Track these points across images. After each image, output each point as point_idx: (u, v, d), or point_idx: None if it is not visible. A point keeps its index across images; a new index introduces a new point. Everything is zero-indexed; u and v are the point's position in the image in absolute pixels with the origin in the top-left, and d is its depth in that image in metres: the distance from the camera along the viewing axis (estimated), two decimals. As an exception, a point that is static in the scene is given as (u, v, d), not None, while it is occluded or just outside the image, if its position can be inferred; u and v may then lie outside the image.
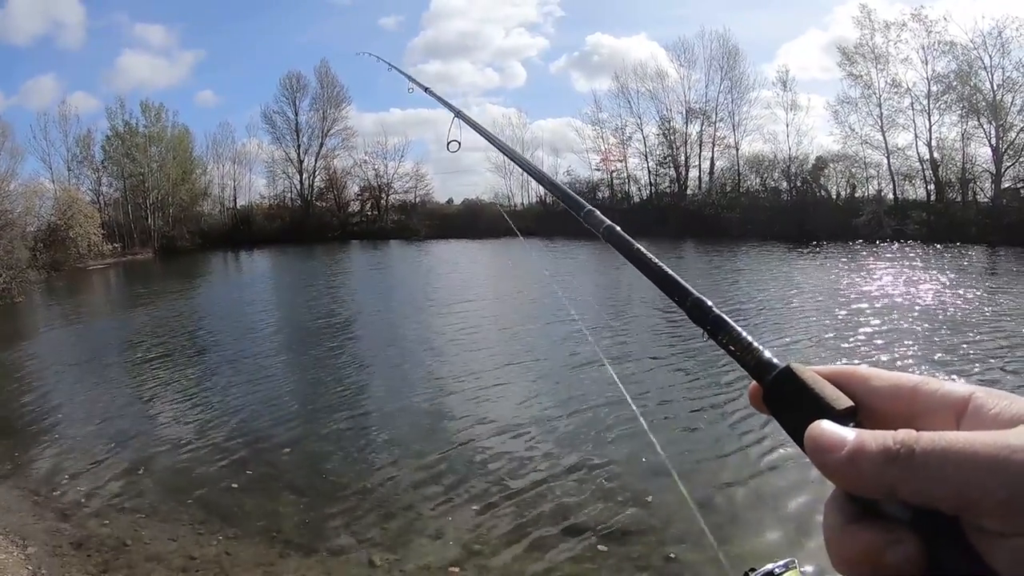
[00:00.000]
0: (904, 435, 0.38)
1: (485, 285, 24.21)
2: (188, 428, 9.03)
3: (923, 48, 42.35)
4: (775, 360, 0.48)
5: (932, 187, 42.65)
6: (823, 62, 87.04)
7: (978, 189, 41.24)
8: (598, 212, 0.77)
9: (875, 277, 21.42)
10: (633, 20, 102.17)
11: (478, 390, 10.09)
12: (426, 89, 1.85)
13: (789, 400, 0.45)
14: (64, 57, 75.42)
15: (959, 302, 16.01)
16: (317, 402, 10.04)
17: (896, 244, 33.82)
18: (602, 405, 8.84)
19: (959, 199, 41.19)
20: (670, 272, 0.60)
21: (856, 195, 45.45)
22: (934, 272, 22.64)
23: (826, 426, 0.41)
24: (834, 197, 46.47)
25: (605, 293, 20.35)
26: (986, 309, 15.11)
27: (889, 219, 38.82)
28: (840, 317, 14.48)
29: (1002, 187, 38.99)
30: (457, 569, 5.28)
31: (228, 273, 37.63)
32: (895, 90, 43.92)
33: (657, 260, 0.62)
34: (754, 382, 0.48)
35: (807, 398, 0.44)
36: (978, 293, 17.88)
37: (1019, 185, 38.96)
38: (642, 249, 0.65)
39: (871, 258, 27.77)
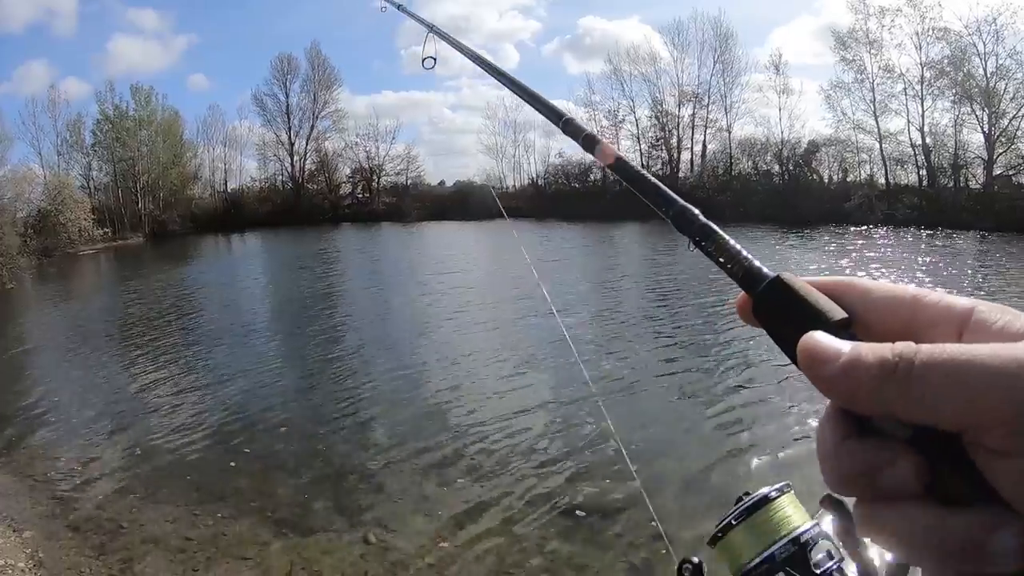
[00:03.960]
0: (903, 347, 0.36)
1: (474, 266, 24.18)
2: (182, 410, 9.05)
3: (917, 34, 42.35)
4: (765, 269, 0.46)
5: (924, 172, 42.80)
6: (814, 47, 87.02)
7: (970, 175, 41.41)
8: (576, 121, 0.75)
9: (865, 261, 21.50)
10: (625, 3, 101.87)
11: (469, 370, 10.17)
12: (398, 6, 1.84)
13: (780, 311, 0.43)
14: (56, 43, 74.73)
15: (949, 286, 16.12)
16: (310, 383, 10.09)
17: (887, 228, 33.99)
18: (588, 386, 8.92)
19: (951, 185, 41.32)
20: (654, 180, 0.56)
21: (848, 179, 45.57)
22: (924, 256, 22.81)
23: (820, 337, 0.39)
24: (826, 181, 46.58)
25: (592, 278, 20.38)
26: (978, 293, 15.23)
27: (880, 204, 38.94)
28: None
29: (994, 174, 39.16)
30: (447, 544, 5.35)
31: (219, 256, 37.44)
32: (888, 75, 43.98)
33: (641, 169, 0.58)
34: (743, 293, 0.46)
35: (800, 308, 0.42)
36: (968, 277, 18.05)
37: (1011, 172, 39.11)
38: (624, 158, 0.61)
39: (862, 242, 27.90)
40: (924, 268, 19.59)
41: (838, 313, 0.41)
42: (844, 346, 0.38)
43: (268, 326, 15.25)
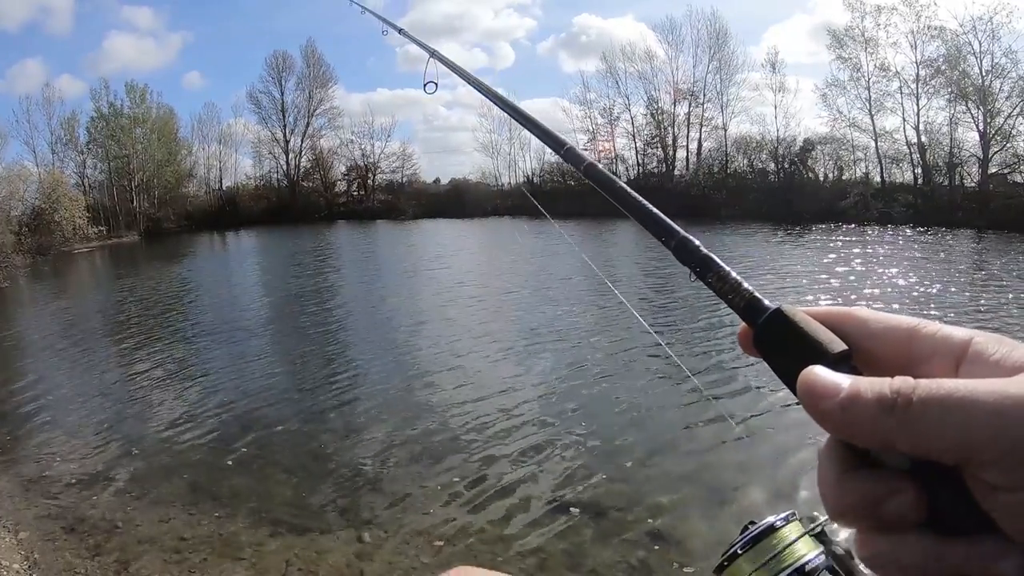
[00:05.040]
0: (901, 383, 0.36)
1: (472, 264, 24.18)
2: (178, 409, 9.03)
3: (912, 32, 42.45)
4: (766, 301, 0.46)
5: (919, 171, 42.89)
6: (809, 46, 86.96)
7: (965, 174, 41.51)
8: (578, 149, 0.75)
9: (860, 259, 21.55)
10: (620, 1, 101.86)
11: (466, 368, 10.14)
12: (400, 30, 1.82)
13: (780, 343, 0.43)
14: (51, 41, 74.58)
15: (944, 284, 16.16)
16: (308, 381, 10.05)
17: (882, 227, 34.06)
18: (587, 381, 8.95)
19: (946, 183, 41.42)
20: (654, 210, 0.57)
21: (843, 178, 45.67)
22: (920, 255, 22.86)
23: (819, 371, 0.39)
24: (821, 179, 46.68)
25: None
26: (972, 292, 15.28)
27: (876, 202, 39.02)
28: (823, 299, 14.59)
29: (989, 172, 39.25)
30: (440, 543, 5.34)
31: (215, 254, 37.34)
32: (883, 74, 44.07)
33: (640, 198, 0.59)
34: (744, 324, 0.46)
35: (799, 341, 0.42)
36: (963, 276, 18.09)
37: (1006, 170, 39.21)
38: (625, 187, 0.62)
39: (857, 240, 27.96)
40: (919, 267, 19.63)
41: (838, 345, 0.41)
42: (843, 381, 0.38)
43: (264, 324, 15.21)
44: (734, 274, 0.49)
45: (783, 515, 0.58)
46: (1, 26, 70.07)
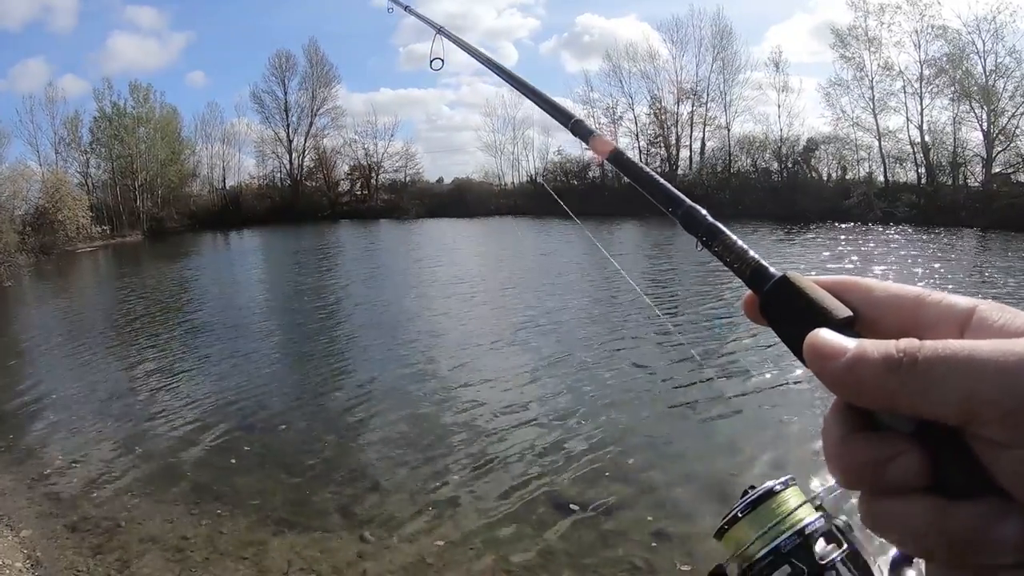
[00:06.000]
0: (907, 343, 0.37)
1: (473, 264, 24.17)
2: (180, 409, 9.03)
3: (916, 31, 42.33)
4: (772, 269, 0.47)
5: (923, 170, 42.79)
6: (811, 45, 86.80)
7: (969, 173, 41.39)
8: (585, 122, 0.75)
9: (863, 258, 21.51)
10: (623, 0, 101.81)
11: (469, 366, 10.16)
12: (406, 7, 1.82)
13: (786, 309, 0.44)
14: (54, 40, 74.71)
15: (947, 284, 16.12)
16: (310, 381, 10.06)
17: (886, 226, 33.97)
18: (588, 381, 8.94)
19: (950, 183, 41.32)
20: (662, 181, 0.57)
21: (847, 177, 45.57)
22: (923, 254, 22.79)
23: (825, 334, 0.40)
24: (824, 179, 46.60)
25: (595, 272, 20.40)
26: (975, 292, 15.23)
27: (879, 201, 38.92)
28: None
29: (992, 172, 39.14)
30: (442, 542, 5.34)
31: (218, 254, 37.36)
32: (887, 73, 43.96)
33: (648, 169, 0.59)
34: (749, 292, 0.47)
35: (805, 307, 0.43)
36: (967, 275, 18.04)
37: (1009, 170, 39.09)
38: (633, 159, 0.61)
39: (860, 239, 27.92)
40: (922, 266, 19.58)
41: (843, 311, 0.42)
42: (849, 343, 0.38)
43: (267, 324, 15.21)
44: (740, 242, 0.49)
45: (782, 479, 0.59)
46: (4, 25, 70.19)
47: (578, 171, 54.03)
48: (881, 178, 44.28)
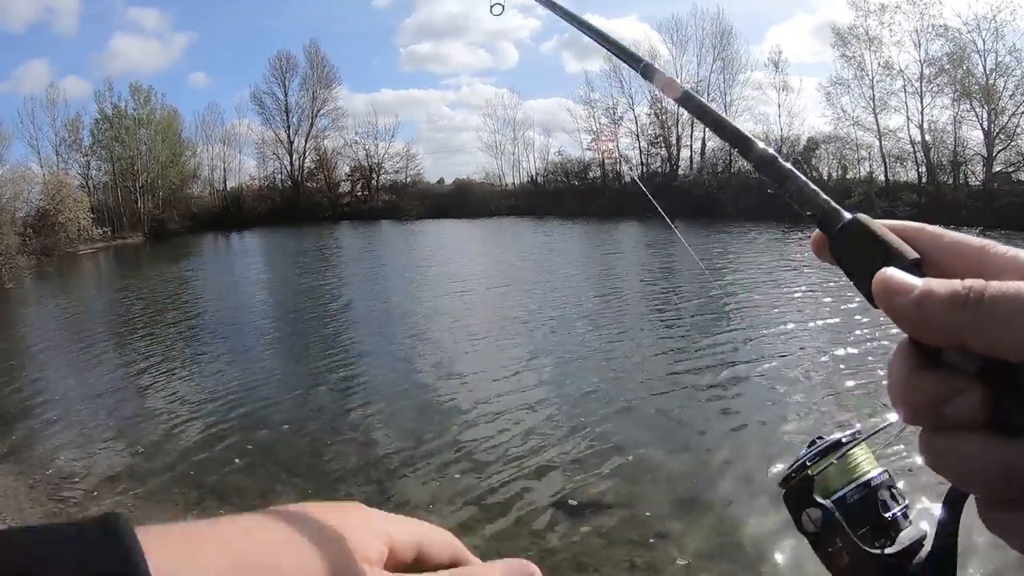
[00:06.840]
0: (973, 281, 0.38)
1: (473, 264, 24.18)
2: (183, 408, 9.06)
3: (916, 31, 42.26)
4: (843, 211, 0.48)
5: (923, 170, 42.72)
6: (811, 45, 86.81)
7: (969, 172, 41.35)
8: (655, 66, 0.76)
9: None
10: (623, 1, 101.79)
11: (471, 364, 10.19)
12: None
13: (855, 249, 0.46)
14: (56, 42, 74.70)
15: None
16: (314, 380, 10.07)
17: (887, 226, 33.89)
18: (594, 377, 8.95)
19: (950, 182, 41.27)
20: (731, 123, 0.58)
21: (847, 176, 45.51)
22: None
23: (894, 272, 0.41)
24: (825, 178, 46.56)
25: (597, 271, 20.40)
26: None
27: (880, 201, 38.87)
28: (828, 298, 14.55)
29: (993, 171, 39.11)
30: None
31: (219, 255, 37.43)
32: (887, 72, 43.89)
33: (719, 112, 0.60)
34: (817, 231, 0.49)
35: (875, 247, 0.44)
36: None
37: (1010, 169, 39.06)
38: (704, 103, 0.63)
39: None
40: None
41: (911, 253, 0.44)
42: (917, 280, 0.40)
43: (270, 324, 15.24)
44: (811, 185, 0.51)
45: (849, 432, 0.60)
46: (8, 27, 70.26)
47: (578, 172, 54.04)
48: (882, 177, 44.26)
